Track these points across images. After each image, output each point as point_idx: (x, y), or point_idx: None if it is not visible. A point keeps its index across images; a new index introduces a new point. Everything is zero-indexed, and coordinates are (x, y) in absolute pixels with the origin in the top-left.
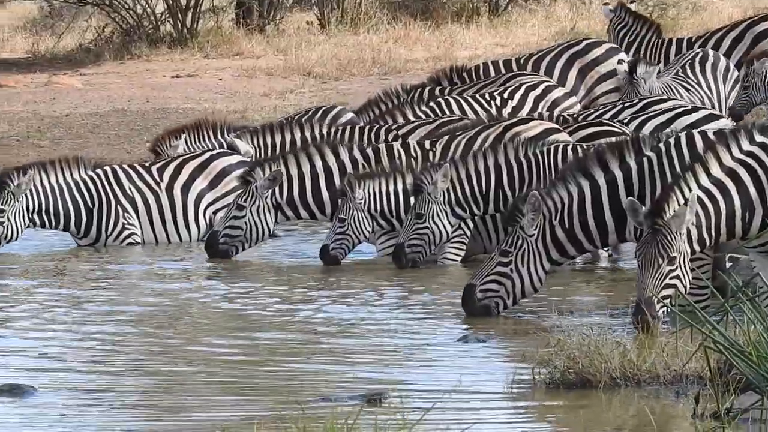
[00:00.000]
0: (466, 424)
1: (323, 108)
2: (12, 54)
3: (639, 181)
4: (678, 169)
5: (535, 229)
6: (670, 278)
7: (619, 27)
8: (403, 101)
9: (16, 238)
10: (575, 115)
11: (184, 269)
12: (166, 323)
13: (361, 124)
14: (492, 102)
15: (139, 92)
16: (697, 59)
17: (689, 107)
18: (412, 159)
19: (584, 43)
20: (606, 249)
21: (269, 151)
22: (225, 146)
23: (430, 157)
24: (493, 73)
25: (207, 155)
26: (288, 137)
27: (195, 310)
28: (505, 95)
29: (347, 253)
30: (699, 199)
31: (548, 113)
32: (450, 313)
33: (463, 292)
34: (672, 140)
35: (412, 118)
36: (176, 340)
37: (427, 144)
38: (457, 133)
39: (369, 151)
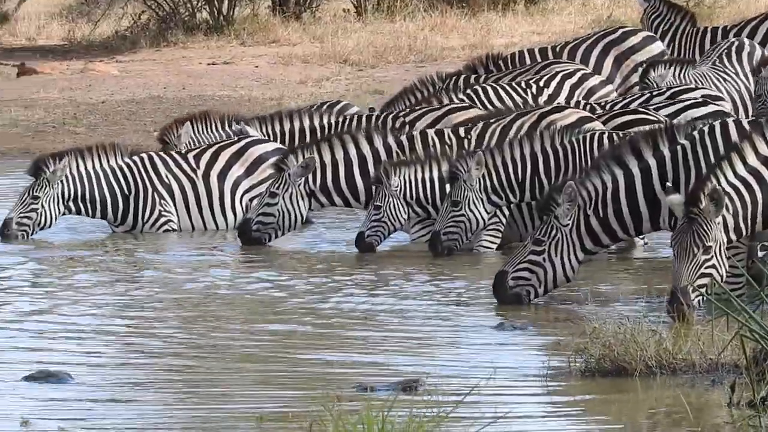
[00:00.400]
0: (501, 412)
1: (328, 103)
2: (48, 41)
3: (673, 169)
4: (712, 157)
5: (569, 219)
6: (706, 267)
7: (653, 16)
8: (439, 89)
9: (50, 225)
10: (602, 104)
11: (218, 257)
12: (200, 312)
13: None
14: (528, 90)
15: (175, 79)
16: (734, 48)
17: (699, 100)
18: (447, 147)
19: (620, 31)
20: (642, 237)
21: (278, 139)
22: (233, 135)
23: (465, 145)
24: (528, 61)
25: (243, 142)
26: (297, 125)
27: (228, 300)
28: (541, 83)
29: (382, 240)
30: (735, 187)
31: (576, 101)
32: (485, 300)
33: (495, 279)
34: (706, 128)
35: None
36: (209, 330)
37: (461, 131)
38: (492, 121)
39: (403, 138)
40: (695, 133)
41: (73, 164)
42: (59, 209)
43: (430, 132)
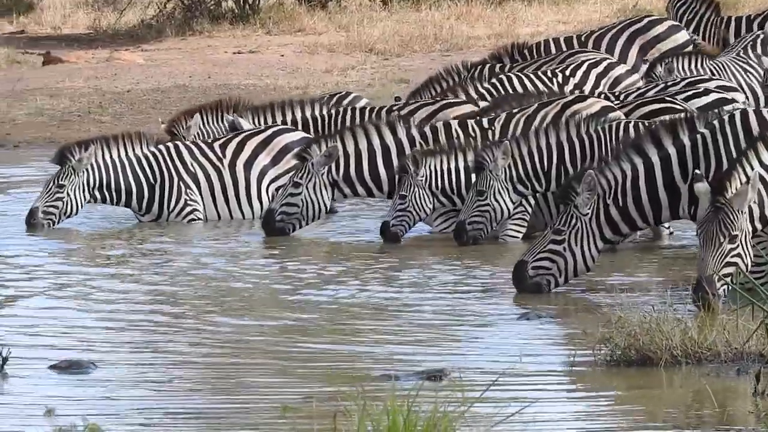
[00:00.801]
0: (526, 401)
1: (338, 94)
2: (74, 30)
3: (693, 158)
4: (732, 146)
5: (589, 209)
6: (732, 256)
7: (678, 5)
8: (464, 78)
9: (76, 213)
10: (616, 94)
11: (242, 248)
12: (223, 303)
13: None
14: (554, 79)
15: (200, 68)
16: (759, 41)
17: (701, 90)
18: (470, 138)
19: (646, 20)
20: (667, 227)
21: None
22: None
23: (489, 136)
24: (554, 50)
25: (270, 131)
26: (289, 117)
27: (252, 290)
28: (567, 72)
29: (408, 230)
30: (761, 177)
31: (599, 91)
32: (511, 290)
33: (514, 269)
34: (726, 118)
35: (474, 95)
36: (232, 321)
37: (485, 122)
38: (515, 111)
39: (426, 129)
40: (715, 122)
41: (99, 152)
42: (84, 197)
43: (454, 123)
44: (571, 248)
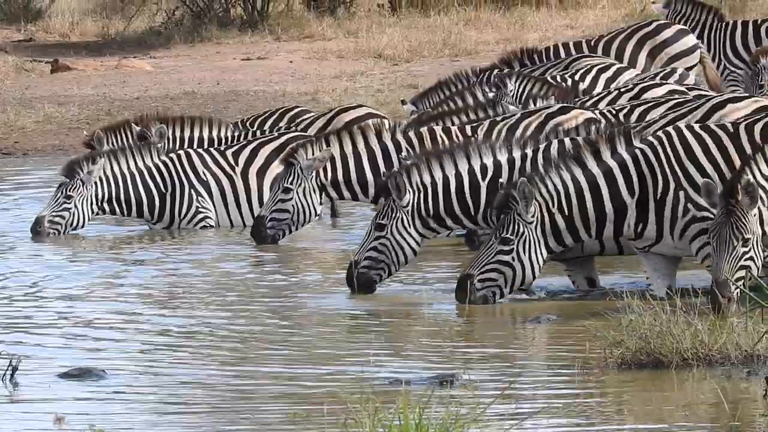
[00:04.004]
0: (538, 405)
1: (283, 109)
2: (82, 38)
3: (637, 173)
4: (674, 162)
5: (533, 216)
6: (745, 259)
7: (677, 19)
8: (473, 83)
9: (83, 226)
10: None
11: (256, 254)
12: (233, 308)
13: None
14: (563, 84)
15: (209, 75)
16: (660, 76)
17: (664, 100)
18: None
19: (654, 24)
20: None
21: (177, 144)
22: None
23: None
24: (563, 55)
25: (284, 138)
26: (197, 133)
27: (256, 297)
28: (576, 77)
29: None
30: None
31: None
32: (520, 294)
33: (458, 283)
34: (662, 134)
35: (482, 100)
36: (241, 329)
37: (468, 130)
38: (498, 120)
39: (411, 134)
40: (651, 138)
41: (107, 166)
42: (92, 210)
43: (438, 129)
44: (519, 258)
